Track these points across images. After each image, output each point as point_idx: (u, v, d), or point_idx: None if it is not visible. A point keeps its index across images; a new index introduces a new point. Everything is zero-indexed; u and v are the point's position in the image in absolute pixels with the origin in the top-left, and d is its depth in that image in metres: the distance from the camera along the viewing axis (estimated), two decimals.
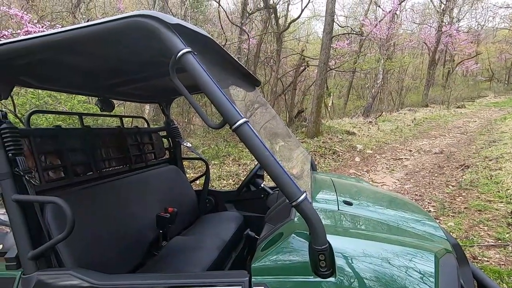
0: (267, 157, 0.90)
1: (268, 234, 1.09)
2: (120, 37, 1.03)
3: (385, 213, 1.30)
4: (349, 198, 1.38)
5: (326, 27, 8.86)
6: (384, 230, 1.12)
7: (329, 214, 1.20)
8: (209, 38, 1.17)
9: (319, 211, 1.21)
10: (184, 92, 1.00)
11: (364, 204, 1.38)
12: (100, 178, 1.73)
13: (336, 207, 1.26)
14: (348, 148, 8.54)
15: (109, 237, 1.52)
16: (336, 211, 1.23)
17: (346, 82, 19.25)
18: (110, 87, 1.80)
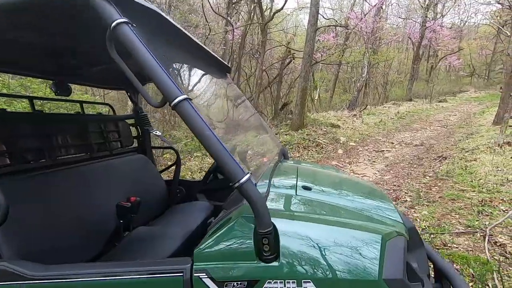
0: (208, 137, 0.85)
1: (218, 220, 1.04)
2: (55, 7, 0.94)
3: (344, 198, 1.28)
4: (310, 184, 1.35)
5: (310, 18, 8.80)
6: (338, 214, 1.09)
7: (284, 198, 1.16)
8: (162, 16, 1.09)
9: (275, 195, 1.17)
10: (125, 68, 0.93)
11: (324, 189, 1.35)
12: (54, 165, 1.64)
13: (294, 191, 1.23)
14: (331, 140, 8.60)
15: (62, 227, 1.44)
16: (293, 195, 1.20)
17: (333, 76, 19.35)
18: (66, 70, 1.69)
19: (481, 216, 3.40)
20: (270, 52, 12.83)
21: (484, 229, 3.04)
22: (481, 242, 2.87)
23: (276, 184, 1.29)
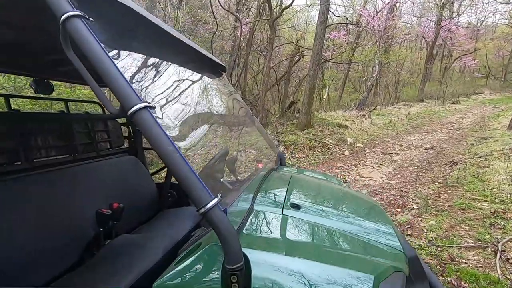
0: (170, 152, 0.72)
1: (189, 244, 0.91)
2: None
3: (338, 218, 1.14)
4: (300, 200, 1.21)
5: (320, 15, 8.57)
6: (327, 242, 0.95)
7: (267, 219, 1.02)
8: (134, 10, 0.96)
9: (257, 214, 1.04)
10: (80, 68, 0.80)
11: (316, 207, 1.21)
12: (31, 168, 1.54)
13: (281, 210, 1.09)
14: (338, 141, 8.39)
15: (33, 236, 1.34)
16: (278, 215, 1.06)
17: (343, 75, 18.99)
18: (46, 66, 1.59)
19: (493, 229, 3.19)
20: (278, 50, 12.63)
21: (495, 244, 2.84)
22: (492, 258, 2.68)
23: (261, 200, 1.16)
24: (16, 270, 1.20)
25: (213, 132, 1.51)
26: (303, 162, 6.82)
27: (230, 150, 1.58)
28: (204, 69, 1.75)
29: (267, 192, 1.26)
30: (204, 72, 1.72)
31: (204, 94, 1.67)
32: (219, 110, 1.76)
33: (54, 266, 1.36)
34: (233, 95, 2.00)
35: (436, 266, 2.60)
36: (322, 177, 1.94)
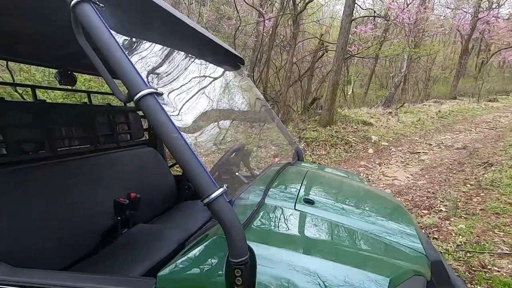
0: (175, 140, 0.70)
1: (196, 236, 0.90)
2: None
3: (354, 216, 1.07)
4: (315, 195, 1.15)
5: (346, 9, 8.29)
6: (341, 239, 0.89)
7: (278, 213, 0.98)
8: None
9: (268, 208, 1.00)
10: (92, 56, 0.80)
11: (331, 204, 1.15)
12: (54, 157, 1.60)
13: (293, 205, 1.05)
14: (362, 139, 8.12)
15: (54, 222, 1.39)
16: (290, 210, 1.02)
17: (369, 70, 18.32)
18: (69, 58, 1.64)
19: None
20: (302, 45, 12.40)
21: None
22: None
23: (274, 194, 1.12)
24: (37, 253, 1.25)
25: (228, 125, 1.49)
26: (324, 159, 6.67)
27: (245, 144, 1.55)
28: (222, 60, 1.72)
29: (280, 186, 1.22)
30: (221, 64, 1.70)
31: (221, 86, 1.65)
32: (236, 103, 1.73)
33: (73, 251, 1.41)
34: (250, 88, 1.97)
35: (465, 273, 2.43)
36: (342, 174, 1.86)
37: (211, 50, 1.56)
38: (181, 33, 1.25)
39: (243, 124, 1.60)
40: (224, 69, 1.74)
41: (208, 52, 1.53)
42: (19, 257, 1.11)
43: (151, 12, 1.03)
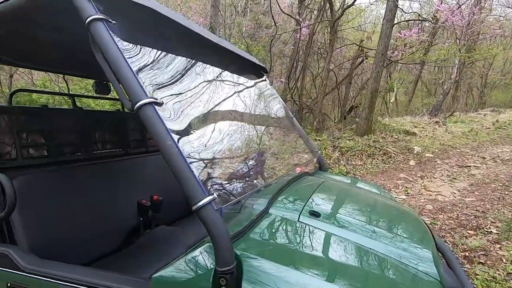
0: (169, 147, 0.73)
1: (197, 241, 0.91)
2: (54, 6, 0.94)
3: (364, 232, 1.00)
4: (322, 208, 1.10)
5: (387, 13, 7.95)
6: (342, 256, 0.84)
7: (281, 224, 0.96)
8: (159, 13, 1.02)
9: (272, 217, 0.98)
10: (106, 69, 0.88)
11: (339, 217, 1.09)
12: (89, 159, 1.75)
13: (297, 216, 1.02)
14: (403, 149, 7.62)
15: (83, 220, 1.52)
16: (293, 221, 0.99)
17: (414, 77, 17.22)
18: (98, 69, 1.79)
19: None
20: (340, 51, 12.10)
21: None
22: None
23: (280, 204, 1.10)
24: (64, 247, 1.37)
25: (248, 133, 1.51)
26: (360, 170, 6.38)
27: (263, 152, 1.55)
28: (244, 70, 1.76)
29: (289, 196, 1.19)
30: (243, 73, 1.74)
31: (243, 96, 1.68)
32: (257, 111, 1.75)
33: (97, 248, 1.52)
34: (273, 96, 1.97)
35: None
36: (366, 187, 1.75)
37: (233, 61, 1.61)
38: (199, 45, 1.31)
39: (262, 132, 1.61)
40: (247, 79, 1.77)
41: (230, 63, 1.58)
42: (47, 250, 1.22)
43: (167, 27, 1.10)
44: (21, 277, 1.02)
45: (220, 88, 1.32)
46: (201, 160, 0.88)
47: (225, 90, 1.36)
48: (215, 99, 1.22)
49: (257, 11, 13.50)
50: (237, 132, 1.28)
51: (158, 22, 1.04)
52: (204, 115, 1.09)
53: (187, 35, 1.17)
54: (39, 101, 5.59)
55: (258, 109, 1.62)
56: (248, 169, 1.19)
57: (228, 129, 1.21)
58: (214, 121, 1.15)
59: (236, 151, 1.16)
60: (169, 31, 1.12)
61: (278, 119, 1.82)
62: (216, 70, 1.37)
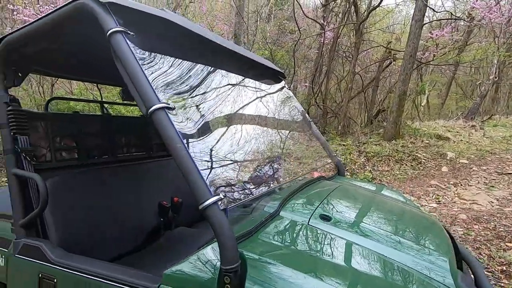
0: (179, 150, 0.77)
1: (208, 240, 0.94)
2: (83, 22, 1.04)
3: (377, 237, 0.98)
4: (334, 212, 1.09)
5: (416, 13, 7.65)
6: (352, 262, 0.83)
7: (290, 227, 0.97)
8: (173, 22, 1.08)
9: (281, 220, 0.99)
10: (125, 77, 0.95)
11: (352, 221, 1.07)
12: (115, 162, 1.87)
13: (307, 219, 1.01)
14: (434, 155, 7.22)
15: (108, 219, 1.61)
16: (302, 224, 0.99)
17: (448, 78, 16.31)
18: None
19: None
20: (367, 54, 11.80)
21: None
22: None
23: (292, 207, 1.10)
24: (90, 244, 1.46)
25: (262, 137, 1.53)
26: (387, 176, 6.14)
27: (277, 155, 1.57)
28: (262, 76, 1.79)
29: (301, 199, 1.19)
30: (261, 79, 1.77)
31: (261, 100, 1.71)
32: (274, 115, 1.77)
33: (120, 246, 1.61)
34: (291, 101, 1.99)
35: None
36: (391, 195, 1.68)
37: (250, 67, 1.65)
38: (213, 52, 1.36)
39: (277, 136, 1.62)
40: (264, 84, 1.80)
41: (247, 69, 1.62)
42: (74, 245, 1.32)
43: (181, 36, 1.16)
44: (50, 269, 1.11)
45: (235, 93, 1.36)
46: (210, 162, 0.92)
47: (240, 95, 1.40)
48: (228, 104, 1.26)
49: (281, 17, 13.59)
50: (250, 136, 1.31)
51: (173, 31, 1.11)
52: (216, 119, 1.13)
53: (201, 42, 1.23)
54: (76, 108, 6.07)
55: (273, 113, 1.64)
56: (259, 172, 1.21)
57: (241, 133, 1.24)
58: (226, 125, 1.19)
59: (247, 154, 1.19)
60: (184, 39, 1.18)
61: (295, 123, 1.82)
62: (231, 76, 1.42)
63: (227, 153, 1.06)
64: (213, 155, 0.96)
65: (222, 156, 1.01)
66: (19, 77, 1.38)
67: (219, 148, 1.02)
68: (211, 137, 1.02)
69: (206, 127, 1.01)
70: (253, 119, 1.42)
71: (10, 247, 1.31)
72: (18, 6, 6.12)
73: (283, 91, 1.95)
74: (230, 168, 1.00)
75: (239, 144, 1.15)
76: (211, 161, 0.93)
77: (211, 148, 0.98)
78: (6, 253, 1.34)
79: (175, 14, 1.13)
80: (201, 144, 0.94)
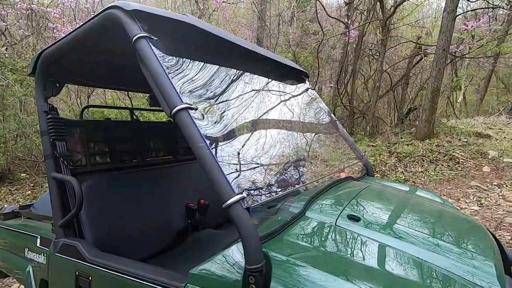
0: (201, 149, 0.78)
1: (234, 239, 0.94)
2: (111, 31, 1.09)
3: (412, 240, 0.91)
4: (363, 212, 1.04)
5: (448, 4, 7.24)
6: (385, 264, 0.78)
7: (316, 228, 0.93)
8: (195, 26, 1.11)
9: (307, 220, 0.96)
10: (150, 81, 0.98)
11: (384, 222, 1.01)
12: (144, 165, 1.94)
13: (334, 220, 0.97)
14: (474, 154, 6.73)
15: (139, 220, 1.67)
16: (330, 225, 0.95)
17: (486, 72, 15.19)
18: None
19: None
20: (395, 51, 11.34)
21: None
22: None
23: (318, 207, 1.07)
24: (122, 244, 1.52)
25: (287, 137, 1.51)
26: (421, 177, 5.81)
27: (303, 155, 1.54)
28: (284, 76, 1.78)
29: (328, 199, 1.15)
30: (284, 79, 1.76)
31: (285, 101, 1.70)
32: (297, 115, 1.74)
33: (150, 246, 1.66)
34: (316, 101, 1.95)
35: None
36: (426, 196, 1.58)
37: (272, 67, 1.65)
38: (235, 54, 1.37)
39: (302, 136, 1.59)
40: (288, 84, 1.79)
41: (269, 70, 1.62)
42: (108, 245, 1.38)
43: (203, 38, 1.18)
44: (86, 267, 1.16)
45: (258, 94, 1.35)
46: (234, 162, 0.91)
47: (263, 96, 1.39)
48: (251, 106, 1.26)
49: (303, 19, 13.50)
50: (275, 137, 1.30)
51: (195, 35, 1.13)
52: (239, 120, 1.13)
53: (222, 44, 1.24)
54: (109, 116, 6.45)
55: (298, 114, 1.61)
56: (284, 173, 1.19)
57: (265, 134, 1.23)
58: (250, 126, 1.19)
59: (271, 155, 1.18)
60: (205, 42, 1.20)
61: (320, 123, 1.78)
62: (254, 77, 1.42)
63: (251, 154, 1.05)
64: (237, 156, 0.96)
65: (246, 156, 1.00)
66: (57, 88, 1.48)
67: (243, 149, 1.02)
68: (235, 138, 1.02)
69: (229, 128, 1.02)
70: (278, 120, 1.40)
71: (50, 246, 1.40)
72: (58, 25, 6.64)
73: (308, 92, 1.92)
74: (254, 168, 0.99)
75: (263, 144, 1.14)
76: (235, 161, 0.92)
77: (235, 148, 0.98)
78: (47, 251, 1.43)
79: (196, 18, 1.16)
80: (224, 144, 0.94)
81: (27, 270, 1.55)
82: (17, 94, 5.98)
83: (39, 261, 1.49)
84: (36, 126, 6.16)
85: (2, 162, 6.07)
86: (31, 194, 5.71)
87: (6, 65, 5.45)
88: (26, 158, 6.69)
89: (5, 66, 5.44)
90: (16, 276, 1.79)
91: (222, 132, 0.96)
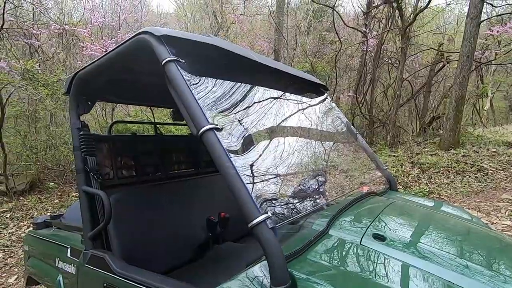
0: (228, 168, 0.80)
1: (259, 257, 0.95)
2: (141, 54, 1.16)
3: (435, 259, 0.88)
4: (389, 231, 1.02)
5: (471, 10, 7.04)
6: (407, 286, 0.76)
7: (340, 247, 0.92)
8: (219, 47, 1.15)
9: (331, 239, 0.96)
10: (178, 101, 1.02)
11: (411, 242, 0.98)
12: (167, 178, 1.99)
13: (359, 239, 0.96)
14: (504, 164, 6.38)
15: (161, 233, 1.71)
16: (354, 244, 0.94)
17: None
18: None
19: None
20: (415, 59, 11.11)
21: None
22: None
23: (342, 225, 1.06)
24: (147, 256, 1.56)
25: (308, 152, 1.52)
26: (447, 189, 5.56)
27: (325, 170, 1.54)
28: (304, 90, 1.80)
29: (352, 217, 1.13)
30: (304, 93, 1.78)
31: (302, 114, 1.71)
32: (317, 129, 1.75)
33: (173, 259, 1.69)
34: (336, 113, 1.95)
35: None
36: (454, 212, 1.52)
37: (292, 83, 1.67)
38: (258, 72, 1.41)
39: (323, 151, 1.59)
40: (307, 98, 1.80)
41: (289, 85, 1.65)
42: (134, 257, 1.42)
43: (227, 59, 1.23)
44: (113, 279, 1.20)
45: (280, 109, 1.38)
46: (258, 180, 0.93)
47: (284, 111, 1.41)
48: (274, 122, 1.28)
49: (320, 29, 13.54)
50: (297, 152, 1.31)
51: (218, 55, 1.18)
52: (263, 137, 1.15)
53: (244, 62, 1.28)
54: (132, 129, 6.71)
55: (318, 127, 1.62)
56: (307, 189, 1.19)
57: (288, 150, 1.25)
58: (273, 143, 1.21)
59: (294, 170, 1.18)
60: (228, 61, 1.25)
61: (341, 136, 1.77)
62: (275, 93, 1.45)
63: (274, 171, 1.07)
64: (261, 173, 0.98)
65: (269, 173, 1.02)
66: (88, 105, 1.57)
67: (266, 166, 1.04)
68: (259, 155, 1.04)
69: (253, 146, 1.04)
70: (299, 136, 1.42)
71: (80, 257, 1.46)
72: (87, 43, 7.05)
73: (325, 103, 1.93)
74: (277, 185, 1.00)
75: (286, 161, 1.15)
76: (259, 179, 0.94)
77: (259, 166, 0.99)
78: (77, 262, 1.49)
79: (219, 39, 1.21)
80: (249, 162, 0.96)
81: (58, 279, 1.62)
82: (48, 107, 6.36)
83: (69, 271, 1.55)
84: (64, 137, 6.49)
85: (34, 172, 6.41)
86: (59, 203, 5.97)
87: (39, 81, 5.81)
88: (55, 168, 7.03)
89: (38, 81, 5.81)
90: (47, 284, 1.88)
91: (247, 150, 0.98)
